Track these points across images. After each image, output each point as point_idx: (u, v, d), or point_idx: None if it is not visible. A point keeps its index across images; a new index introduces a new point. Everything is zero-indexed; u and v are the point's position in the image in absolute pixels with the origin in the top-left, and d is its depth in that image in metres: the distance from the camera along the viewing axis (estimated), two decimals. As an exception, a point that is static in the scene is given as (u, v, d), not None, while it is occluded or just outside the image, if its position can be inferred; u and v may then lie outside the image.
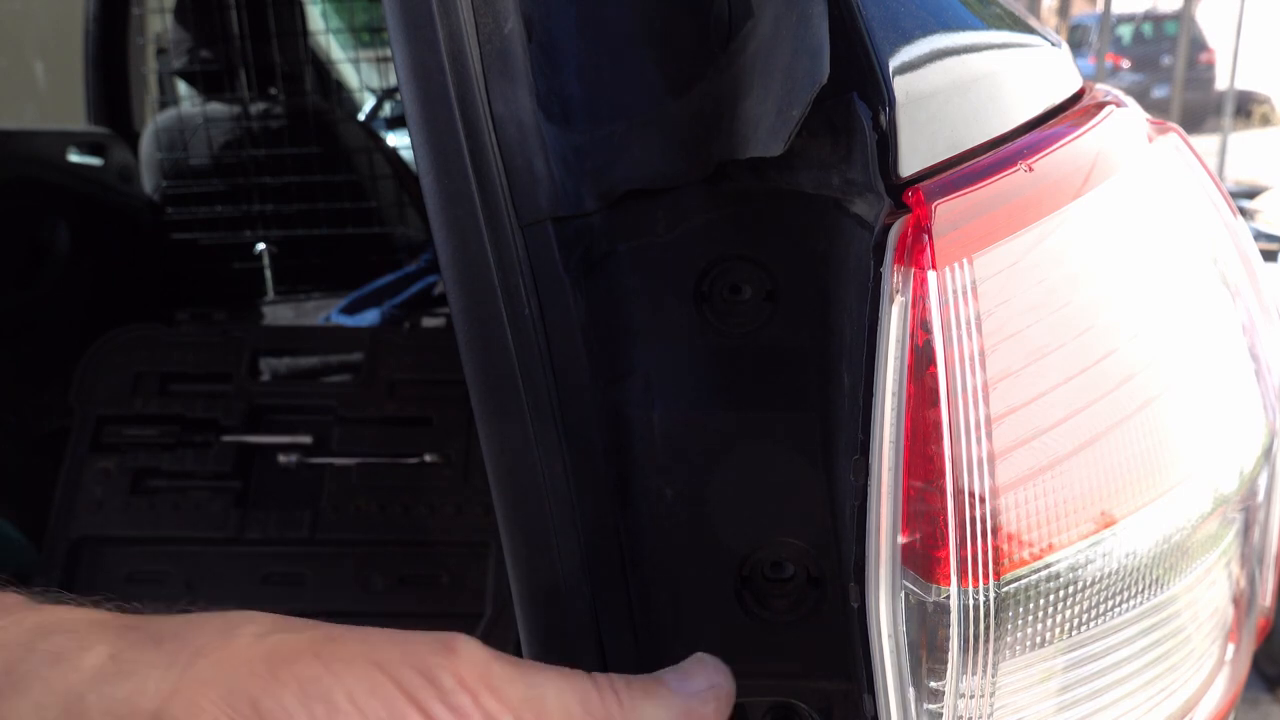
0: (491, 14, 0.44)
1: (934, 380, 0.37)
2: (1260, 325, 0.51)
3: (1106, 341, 0.40)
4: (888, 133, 0.38)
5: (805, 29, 0.39)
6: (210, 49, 1.97)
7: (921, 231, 0.37)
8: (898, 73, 0.38)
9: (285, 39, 1.98)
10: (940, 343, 0.38)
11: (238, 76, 1.96)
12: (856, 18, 0.39)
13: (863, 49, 0.38)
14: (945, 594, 0.38)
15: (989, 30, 0.44)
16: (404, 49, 0.42)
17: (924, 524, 0.38)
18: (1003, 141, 0.41)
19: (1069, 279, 0.40)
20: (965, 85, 0.40)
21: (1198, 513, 0.43)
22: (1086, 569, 0.40)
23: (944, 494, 0.38)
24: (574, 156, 0.45)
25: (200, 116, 2.00)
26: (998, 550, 0.38)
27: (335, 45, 2.56)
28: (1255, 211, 3.67)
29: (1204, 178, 0.53)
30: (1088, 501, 0.39)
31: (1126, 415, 0.40)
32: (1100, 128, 0.44)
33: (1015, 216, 0.39)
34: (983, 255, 0.38)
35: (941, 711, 0.40)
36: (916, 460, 0.38)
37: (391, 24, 0.42)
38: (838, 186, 0.42)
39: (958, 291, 0.38)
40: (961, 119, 0.39)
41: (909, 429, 0.38)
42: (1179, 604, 0.44)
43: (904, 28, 0.40)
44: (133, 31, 2.23)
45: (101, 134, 2.14)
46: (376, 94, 2.68)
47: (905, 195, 0.38)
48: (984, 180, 0.39)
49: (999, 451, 0.38)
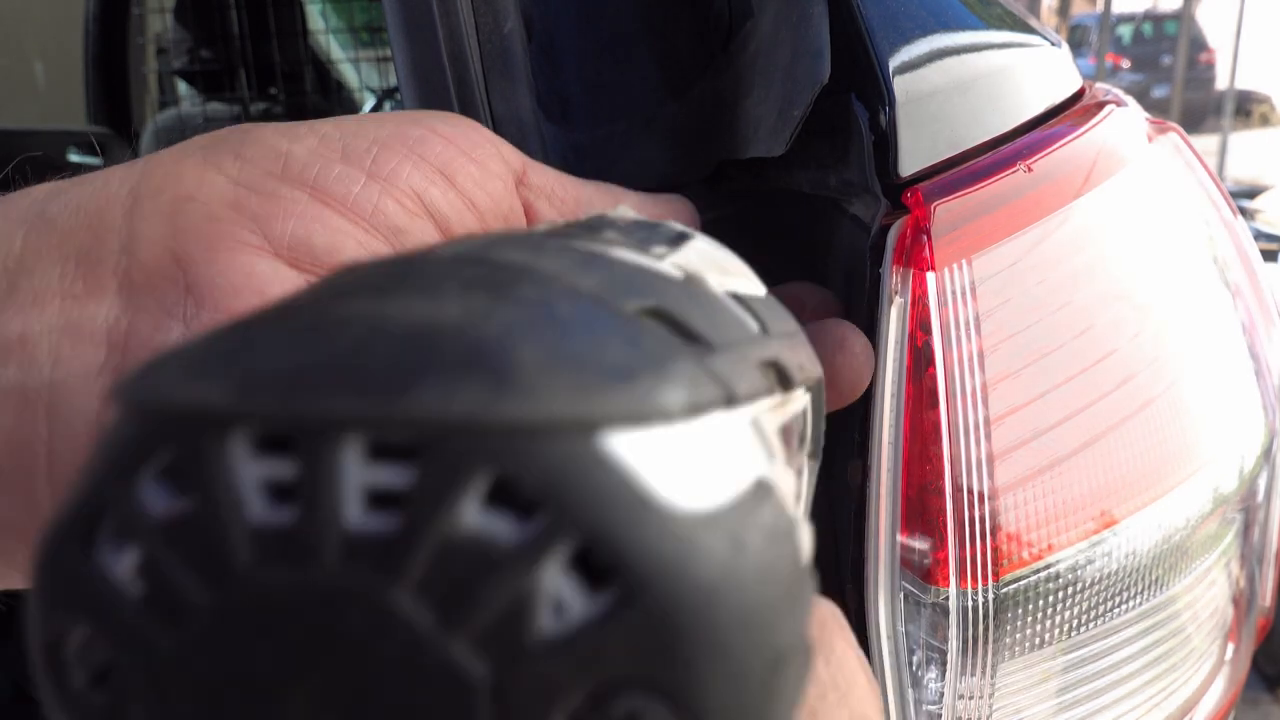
0: (491, 14, 0.44)
1: (933, 381, 0.37)
2: (1260, 325, 0.51)
3: (1106, 341, 0.40)
4: (888, 132, 0.38)
5: (806, 29, 0.39)
6: (210, 49, 1.97)
7: (920, 232, 0.37)
8: (898, 72, 0.38)
9: (285, 39, 1.98)
10: (939, 344, 0.37)
11: (238, 76, 1.96)
12: (856, 17, 0.39)
13: (863, 49, 0.38)
14: (944, 595, 0.38)
15: (989, 30, 0.44)
16: (404, 49, 0.42)
17: (923, 525, 0.38)
18: (1002, 141, 0.41)
19: (1069, 279, 0.40)
20: (965, 85, 0.40)
21: (1198, 513, 0.43)
22: (1086, 569, 0.40)
23: (943, 495, 0.38)
24: (574, 156, 0.45)
25: (200, 116, 2.00)
26: (997, 551, 0.38)
27: (335, 45, 2.56)
28: (1255, 211, 3.67)
29: (1204, 177, 0.53)
30: (1088, 502, 0.39)
31: (1126, 415, 0.40)
32: (1100, 127, 0.44)
33: (1015, 217, 0.39)
34: (982, 256, 0.38)
35: (940, 712, 0.40)
36: (916, 461, 0.38)
37: (391, 24, 0.42)
38: (835, 187, 0.42)
39: (957, 292, 0.38)
40: (961, 119, 0.39)
41: (908, 430, 0.38)
42: (1179, 604, 0.44)
43: (904, 28, 0.40)
44: (133, 31, 2.23)
45: (101, 134, 2.14)
46: (376, 94, 2.68)
47: (904, 196, 0.38)
48: (983, 181, 0.39)
49: (998, 452, 0.38)
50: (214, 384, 0.09)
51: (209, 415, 0.09)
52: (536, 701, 0.09)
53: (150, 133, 2.13)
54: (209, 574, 0.09)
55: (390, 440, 0.09)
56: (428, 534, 0.09)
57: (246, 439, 0.09)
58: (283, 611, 0.09)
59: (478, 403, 0.09)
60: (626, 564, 0.09)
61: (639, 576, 0.09)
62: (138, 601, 0.09)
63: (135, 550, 0.10)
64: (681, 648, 0.09)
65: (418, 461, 0.09)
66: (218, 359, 0.10)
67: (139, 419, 0.10)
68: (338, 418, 0.09)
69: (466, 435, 0.09)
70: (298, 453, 0.09)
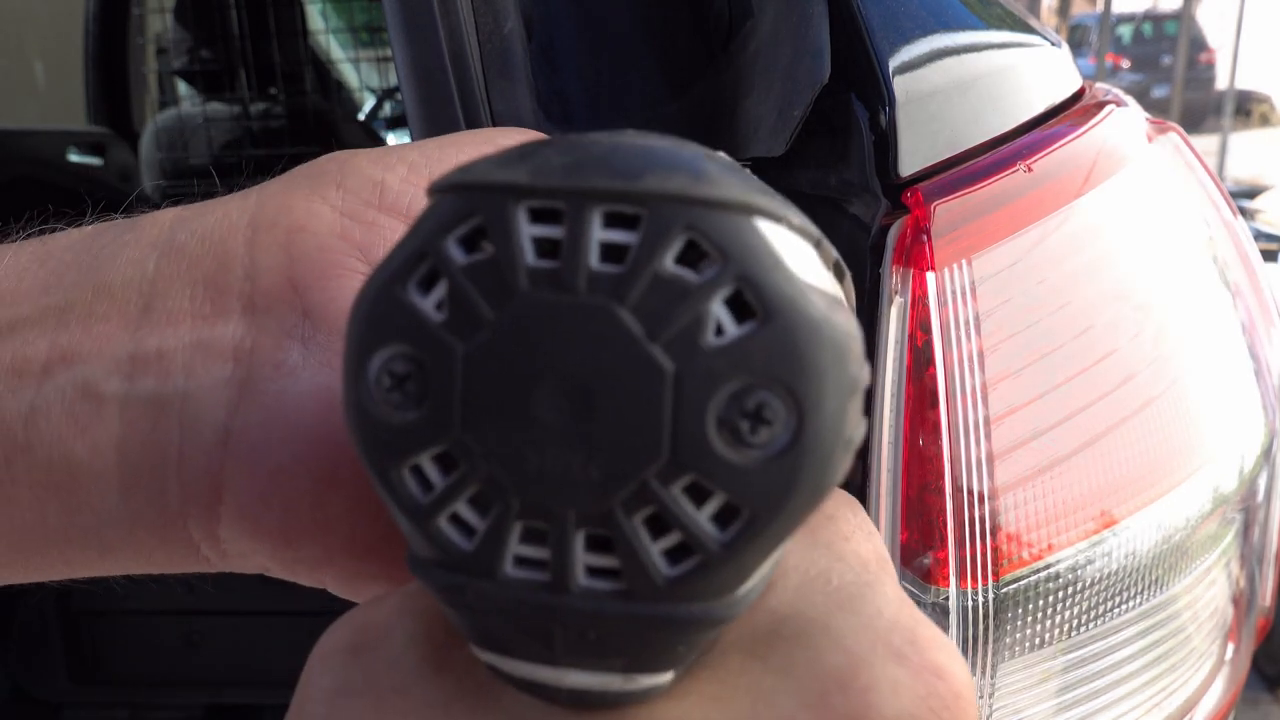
0: (491, 14, 0.44)
1: (933, 381, 0.37)
2: (1260, 325, 0.51)
3: (1106, 341, 0.40)
4: (888, 132, 0.38)
5: (806, 29, 0.39)
6: (210, 49, 1.97)
7: (920, 232, 0.37)
8: (898, 72, 0.38)
9: (285, 39, 1.98)
10: (939, 343, 0.37)
11: (238, 76, 1.96)
12: (856, 17, 0.39)
13: (863, 49, 0.38)
14: (944, 595, 0.38)
15: (989, 30, 0.44)
16: (404, 49, 0.42)
17: (923, 524, 0.38)
18: (1002, 141, 0.41)
19: (1069, 279, 0.40)
20: (965, 85, 0.40)
21: (1198, 512, 0.43)
22: (1086, 569, 0.40)
23: (943, 495, 0.38)
24: (574, 156, 0.45)
25: (200, 116, 2.00)
26: (997, 551, 0.38)
27: (335, 45, 2.55)
28: (1255, 211, 3.67)
29: (1204, 177, 0.53)
30: (1088, 502, 0.39)
31: (1126, 415, 0.40)
32: (1100, 127, 0.44)
33: (1015, 217, 0.39)
34: (982, 256, 0.38)
35: (941, 712, 0.40)
36: (915, 461, 0.38)
37: (391, 24, 0.42)
38: (835, 187, 0.42)
39: (957, 292, 0.38)
40: (961, 119, 0.39)
41: (908, 430, 0.38)
42: (1179, 604, 0.44)
43: (904, 28, 0.40)
44: (133, 31, 2.23)
45: (101, 134, 2.14)
46: (376, 94, 2.68)
47: (904, 196, 0.38)
48: (983, 181, 0.39)
49: (998, 452, 0.38)
50: (516, 170, 0.15)
51: (513, 188, 0.14)
52: (701, 389, 0.14)
53: (150, 133, 2.13)
54: (498, 296, 0.14)
55: (622, 212, 0.14)
56: (644, 273, 0.14)
57: (530, 210, 0.14)
58: (545, 321, 0.14)
59: (683, 185, 0.14)
60: (766, 299, 0.14)
61: (775, 307, 0.14)
62: (441, 322, 0.15)
63: (442, 286, 0.15)
64: (798, 358, 0.14)
65: (639, 225, 0.14)
66: (515, 158, 0.15)
67: (456, 195, 0.15)
68: (599, 189, 0.14)
69: (675, 205, 0.14)
70: (563, 220, 0.14)
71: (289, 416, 0.23)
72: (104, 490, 0.23)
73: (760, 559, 0.15)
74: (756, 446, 0.14)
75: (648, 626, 0.15)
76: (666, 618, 0.15)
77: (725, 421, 0.14)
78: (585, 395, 0.14)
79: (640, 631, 0.15)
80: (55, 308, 0.24)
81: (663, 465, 0.14)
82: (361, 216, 0.25)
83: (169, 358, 0.23)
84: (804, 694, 0.16)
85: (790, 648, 0.17)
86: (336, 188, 0.25)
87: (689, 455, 0.14)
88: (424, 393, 0.15)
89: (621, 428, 0.14)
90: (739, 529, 0.14)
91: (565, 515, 0.14)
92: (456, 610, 0.16)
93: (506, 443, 0.14)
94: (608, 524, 0.14)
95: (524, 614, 0.15)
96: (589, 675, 0.16)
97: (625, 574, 0.14)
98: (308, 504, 0.23)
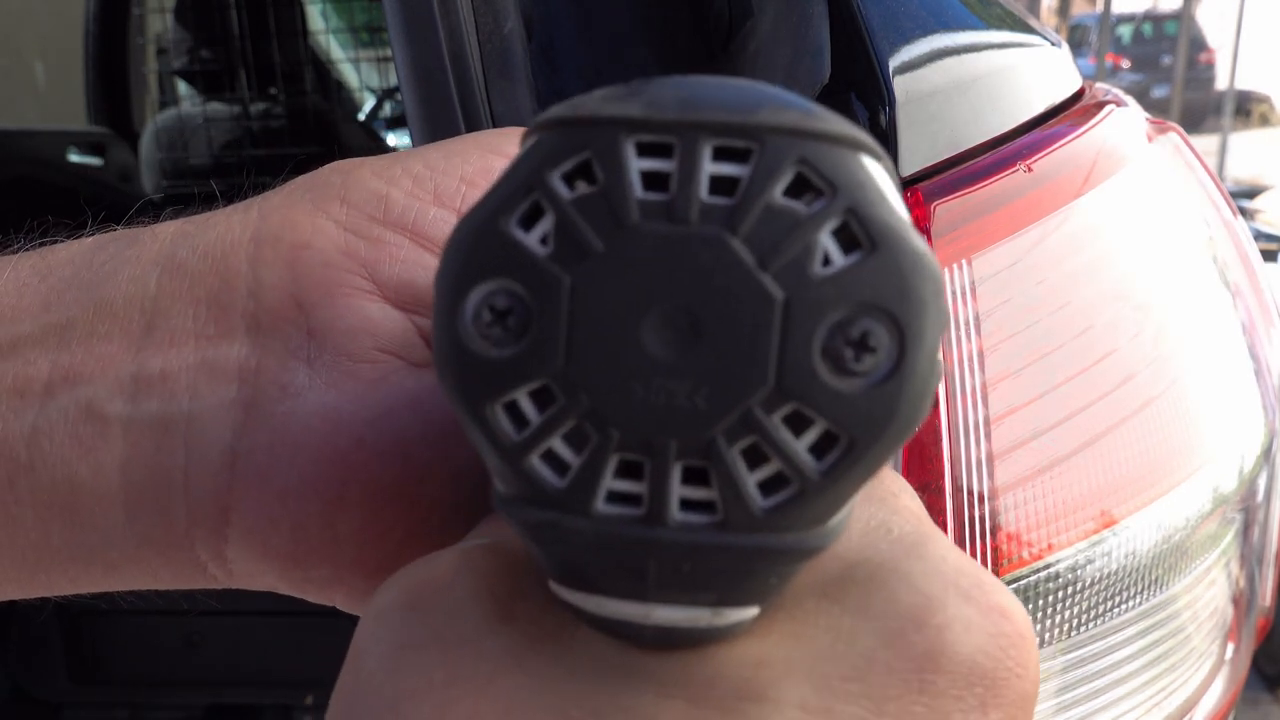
0: (491, 14, 0.44)
1: (934, 380, 0.38)
2: (1260, 325, 0.51)
3: (1106, 341, 0.40)
4: (888, 132, 0.38)
5: (806, 29, 0.39)
6: (210, 49, 1.96)
7: (920, 232, 0.37)
8: (898, 72, 0.38)
9: (285, 39, 1.98)
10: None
11: (238, 76, 1.96)
12: (856, 17, 0.39)
13: (863, 49, 0.38)
14: (945, 594, 0.38)
15: (989, 30, 0.44)
16: (404, 49, 0.42)
17: (924, 524, 0.38)
18: (1002, 141, 0.41)
19: (1069, 279, 0.40)
20: (965, 85, 0.40)
21: (1198, 512, 0.43)
22: (1086, 569, 0.40)
23: (943, 495, 0.38)
24: (574, 156, 0.45)
25: (200, 116, 2.00)
26: (997, 551, 0.38)
27: (335, 45, 2.55)
28: (1255, 211, 3.68)
29: (1204, 177, 0.53)
30: (1088, 501, 0.39)
31: (1126, 415, 0.40)
32: (1100, 127, 0.44)
33: (1014, 217, 0.39)
34: (982, 256, 0.38)
35: (941, 712, 0.40)
36: (916, 461, 0.38)
37: (391, 24, 0.42)
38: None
39: (957, 292, 0.38)
40: (961, 119, 0.39)
41: (909, 429, 0.38)
42: (1179, 604, 0.44)
43: (904, 28, 0.40)
44: (133, 31, 2.23)
45: (101, 134, 2.14)
46: (376, 94, 2.68)
47: (904, 196, 0.38)
48: (983, 181, 0.39)
49: (998, 452, 0.38)
50: (628, 105, 0.15)
51: (627, 121, 0.15)
52: (810, 316, 0.14)
53: (150, 133, 2.13)
54: (607, 228, 0.14)
55: (732, 146, 0.14)
56: (756, 204, 0.14)
57: (638, 145, 0.15)
58: (656, 250, 0.14)
59: (795, 120, 0.14)
60: (874, 230, 0.14)
61: (881, 238, 0.14)
62: (547, 255, 0.15)
63: (547, 220, 0.15)
64: (904, 287, 0.14)
65: (751, 158, 0.14)
66: (625, 93, 0.15)
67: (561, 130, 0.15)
68: (715, 122, 0.14)
69: (788, 138, 0.14)
70: (674, 153, 0.14)
71: (296, 438, 0.23)
72: (109, 511, 0.23)
73: (853, 489, 0.15)
74: (859, 374, 0.14)
75: (744, 557, 0.15)
76: (763, 548, 0.15)
77: (829, 349, 0.14)
78: (694, 325, 0.14)
79: (736, 562, 0.15)
80: (56, 326, 0.23)
81: (768, 393, 0.14)
82: (366, 232, 0.25)
83: (173, 379, 0.23)
84: (882, 632, 0.17)
85: (864, 590, 0.17)
86: (340, 202, 0.25)
87: (793, 383, 0.14)
88: (525, 327, 0.15)
89: (729, 356, 0.14)
90: (837, 457, 0.15)
91: (666, 447, 0.15)
92: (545, 548, 0.16)
93: (612, 374, 0.14)
94: (708, 454, 0.14)
95: (618, 549, 0.15)
96: (678, 610, 0.16)
97: (722, 505, 0.15)
98: (316, 525, 0.23)
